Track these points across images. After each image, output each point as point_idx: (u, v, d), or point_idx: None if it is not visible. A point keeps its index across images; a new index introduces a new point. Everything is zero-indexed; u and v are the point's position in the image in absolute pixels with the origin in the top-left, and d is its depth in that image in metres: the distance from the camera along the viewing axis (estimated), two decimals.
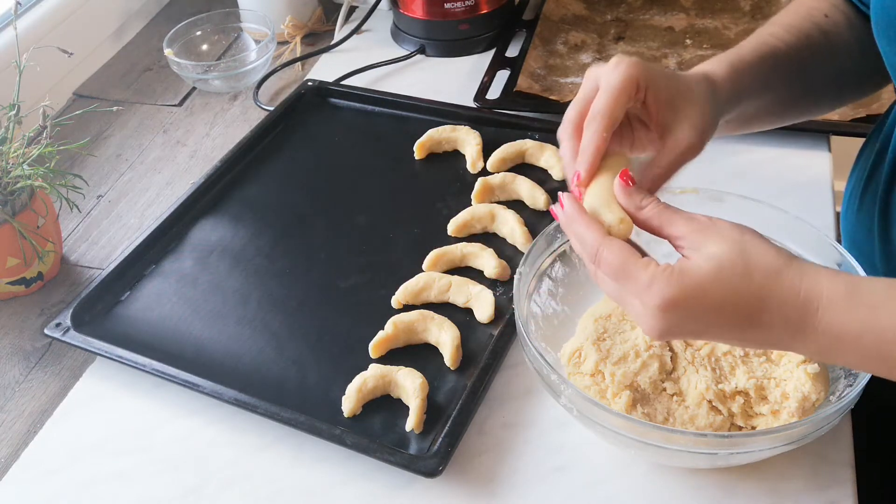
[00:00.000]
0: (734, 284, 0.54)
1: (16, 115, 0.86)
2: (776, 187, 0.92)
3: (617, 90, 0.62)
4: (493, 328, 0.80)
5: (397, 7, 1.21)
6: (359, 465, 0.71)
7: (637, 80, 0.62)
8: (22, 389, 0.82)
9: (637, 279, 0.55)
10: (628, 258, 0.56)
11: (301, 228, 0.93)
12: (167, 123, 1.14)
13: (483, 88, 1.08)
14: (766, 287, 0.54)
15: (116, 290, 0.87)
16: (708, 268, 0.54)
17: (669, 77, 0.65)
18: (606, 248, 0.56)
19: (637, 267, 0.55)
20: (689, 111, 0.64)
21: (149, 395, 0.78)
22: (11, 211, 0.85)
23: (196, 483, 0.72)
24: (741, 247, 0.55)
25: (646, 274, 0.55)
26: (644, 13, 1.21)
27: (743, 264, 0.54)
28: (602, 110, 0.62)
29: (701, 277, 0.54)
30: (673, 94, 0.64)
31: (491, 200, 0.92)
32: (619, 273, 0.56)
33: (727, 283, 0.54)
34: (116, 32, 1.30)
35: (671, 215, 0.58)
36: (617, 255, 0.56)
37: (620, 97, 0.62)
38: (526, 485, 0.69)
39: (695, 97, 0.65)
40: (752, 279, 0.54)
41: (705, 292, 0.54)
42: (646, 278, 0.54)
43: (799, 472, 0.68)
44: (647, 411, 0.68)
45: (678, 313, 0.54)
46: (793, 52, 0.74)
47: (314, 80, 1.12)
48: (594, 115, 0.62)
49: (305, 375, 0.77)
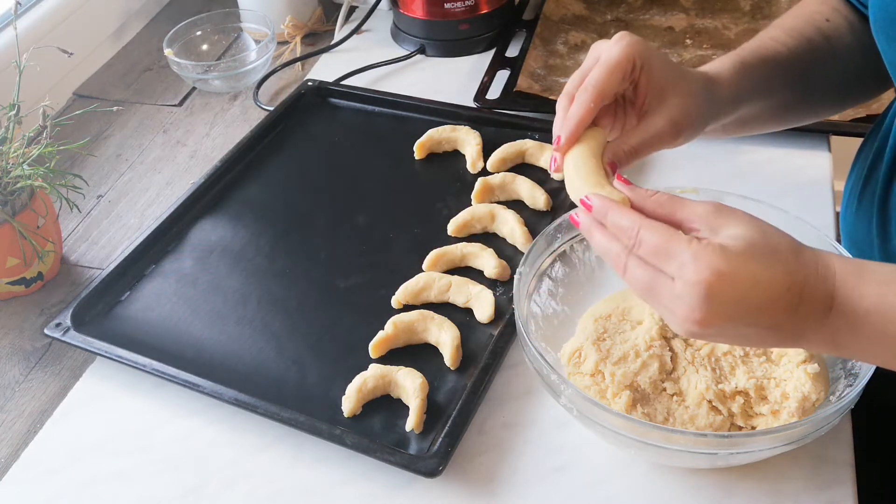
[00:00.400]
0: (767, 261, 0.52)
1: (16, 115, 0.86)
2: (776, 187, 0.92)
3: (612, 65, 0.62)
4: (493, 328, 0.80)
5: (397, 7, 1.21)
6: (359, 465, 0.71)
7: (634, 58, 0.63)
8: (22, 389, 0.82)
9: (680, 255, 0.52)
10: (672, 234, 0.53)
11: (301, 228, 0.93)
12: (167, 123, 1.14)
13: (483, 88, 1.08)
14: (792, 264, 0.53)
15: (116, 290, 0.87)
16: (741, 245, 0.52)
17: (667, 64, 0.65)
18: (647, 228, 0.54)
19: (680, 242, 0.53)
20: (674, 101, 0.65)
21: (149, 395, 0.78)
22: (11, 211, 0.85)
23: (196, 483, 0.72)
24: (760, 227, 0.54)
25: (690, 249, 0.52)
26: (644, 13, 1.21)
27: (766, 243, 0.53)
28: (594, 82, 0.62)
29: (738, 253, 0.52)
30: (664, 81, 0.64)
31: (491, 200, 0.92)
32: (660, 252, 0.53)
33: (761, 259, 0.52)
34: (116, 32, 1.30)
35: (682, 200, 0.57)
36: (660, 233, 0.54)
37: (615, 72, 0.62)
38: (526, 485, 0.69)
39: (684, 90, 0.65)
40: (778, 258, 0.53)
41: (747, 267, 0.52)
42: (690, 253, 0.52)
43: (799, 472, 0.68)
44: (647, 411, 0.68)
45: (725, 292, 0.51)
46: (794, 56, 0.74)
47: (314, 80, 1.12)
48: (586, 86, 0.63)
49: (305, 375, 0.77)
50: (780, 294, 0.52)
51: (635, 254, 0.55)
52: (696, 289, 0.52)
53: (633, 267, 0.55)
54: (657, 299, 0.54)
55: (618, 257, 0.56)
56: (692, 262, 0.52)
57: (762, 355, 0.69)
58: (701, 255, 0.52)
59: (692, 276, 0.52)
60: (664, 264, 0.53)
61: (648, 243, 0.54)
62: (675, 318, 0.54)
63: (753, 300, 0.52)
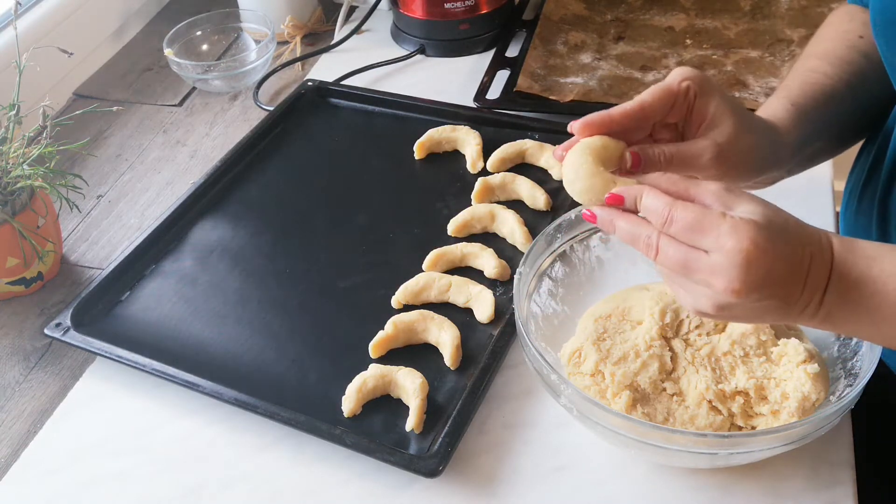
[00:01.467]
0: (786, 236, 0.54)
1: (16, 115, 0.86)
2: (776, 187, 0.91)
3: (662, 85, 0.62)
4: (493, 328, 0.80)
5: (397, 7, 1.21)
6: (359, 465, 0.71)
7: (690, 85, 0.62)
8: (22, 389, 0.82)
9: (717, 228, 0.53)
10: (705, 210, 0.55)
11: (301, 228, 0.93)
12: (167, 123, 1.14)
13: (483, 88, 1.08)
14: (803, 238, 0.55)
15: (116, 290, 0.87)
16: (763, 222, 0.54)
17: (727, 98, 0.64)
18: (680, 206, 0.55)
19: (715, 216, 0.54)
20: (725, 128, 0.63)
21: (149, 395, 0.78)
22: (11, 211, 0.85)
23: (196, 483, 0.72)
24: (769, 205, 0.56)
25: (727, 222, 0.53)
26: (644, 13, 1.21)
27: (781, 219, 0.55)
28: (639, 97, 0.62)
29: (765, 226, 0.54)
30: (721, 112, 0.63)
31: (491, 200, 0.92)
32: (694, 228, 0.54)
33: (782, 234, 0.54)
34: (116, 32, 1.30)
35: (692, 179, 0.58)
36: (693, 210, 0.55)
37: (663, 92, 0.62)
38: (526, 485, 0.69)
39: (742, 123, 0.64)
40: (792, 232, 0.55)
41: (775, 240, 0.54)
42: (728, 225, 0.53)
43: (799, 472, 0.68)
44: (647, 411, 0.68)
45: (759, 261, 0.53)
46: (840, 83, 0.73)
47: (314, 80, 1.12)
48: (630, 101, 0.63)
49: (305, 375, 0.77)
50: (797, 266, 0.55)
51: (666, 233, 0.56)
52: (738, 258, 0.53)
53: (665, 246, 0.56)
54: (692, 274, 0.55)
55: (648, 239, 0.57)
56: (731, 233, 0.53)
57: (762, 355, 0.69)
58: (739, 226, 0.53)
59: (734, 246, 0.53)
60: (699, 239, 0.54)
61: (682, 220, 0.55)
62: (712, 289, 0.55)
63: (778, 271, 0.54)
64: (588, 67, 1.11)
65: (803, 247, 0.55)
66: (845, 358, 0.69)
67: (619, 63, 1.11)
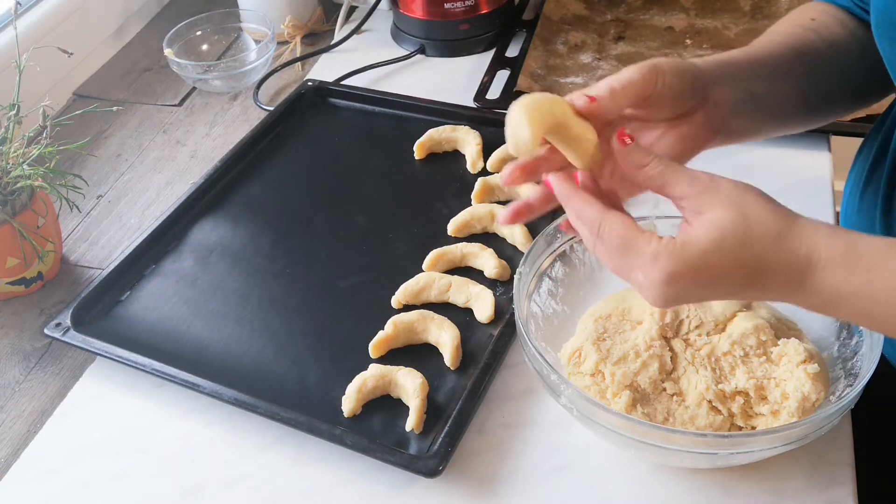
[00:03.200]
0: (736, 252, 0.54)
1: (16, 115, 0.86)
2: (776, 187, 0.91)
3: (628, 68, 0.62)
4: (493, 328, 0.80)
5: (397, 7, 1.21)
6: (359, 465, 0.71)
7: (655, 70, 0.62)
8: (22, 389, 0.82)
9: (640, 253, 0.55)
10: (631, 232, 0.56)
11: (301, 228, 0.93)
12: (167, 123, 1.14)
13: (483, 88, 1.08)
14: (767, 252, 0.55)
15: (116, 290, 0.87)
16: (709, 237, 0.54)
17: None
18: (608, 222, 0.56)
19: (640, 241, 0.55)
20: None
21: (149, 395, 0.78)
22: (11, 211, 0.85)
23: (196, 483, 0.72)
24: (742, 211, 0.55)
25: (649, 249, 0.55)
26: (644, 13, 1.21)
27: (744, 230, 0.54)
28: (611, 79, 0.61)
29: (702, 248, 0.54)
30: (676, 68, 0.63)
31: (491, 200, 0.92)
32: (621, 248, 0.56)
33: (729, 251, 0.54)
34: (116, 32, 1.30)
35: (673, 174, 0.57)
36: (619, 230, 0.56)
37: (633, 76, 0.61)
38: (526, 485, 0.69)
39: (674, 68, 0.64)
40: (752, 246, 0.54)
41: (707, 263, 0.54)
42: (649, 253, 0.55)
43: (799, 472, 0.68)
44: (647, 411, 0.68)
45: (682, 284, 0.55)
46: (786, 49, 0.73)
47: (314, 80, 1.12)
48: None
49: (305, 375, 0.77)
50: (744, 279, 0.55)
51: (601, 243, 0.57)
52: (655, 284, 0.55)
53: (601, 252, 0.58)
54: (627, 279, 0.58)
55: (587, 239, 0.58)
56: (650, 262, 0.55)
57: (762, 355, 0.69)
58: (658, 256, 0.55)
59: (651, 275, 0.55)
60: (627, 256, 0.56)
61: (611, 236, 0.56)
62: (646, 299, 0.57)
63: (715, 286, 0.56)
64: (588, 67, 1.11)
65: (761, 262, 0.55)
66: (845, 358, 0.69)
67: (619, 63, 1.11)
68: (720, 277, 0.55)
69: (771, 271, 0.55)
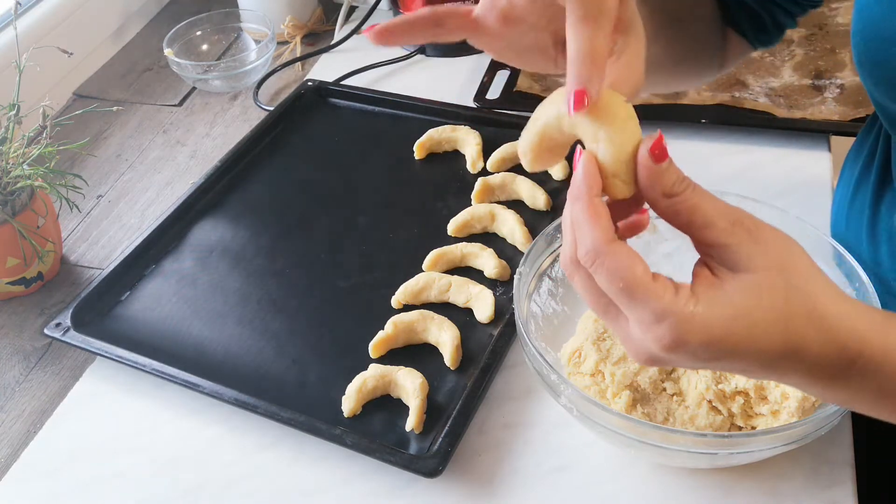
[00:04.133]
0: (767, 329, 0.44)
1: (16, 115, 0.86)
2: (776, 187, 0.92)
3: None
4: (493, 328, 0.80)
5: (397, 7, 1.21)
6: (359, 465, 0.71)
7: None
8: (22, 389, 0.82)
9: (645, 306, 0.44)
10: (639, 274, 0.44)
11: (301, 228, 0.93)
12: (167, 123, 1.14)
13: (483, 88, 1.08)
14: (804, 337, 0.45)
15: (116, 290, 0.87)
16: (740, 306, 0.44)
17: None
18: (611, 256, 0.44)
19: (648, 291, 0.43)
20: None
21: (149, 395, 0.78)
22: (11, 211, 0.85)
23: (196, 483, 0.72)
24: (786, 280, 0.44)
25: (659, 304, 0.43)
26: None
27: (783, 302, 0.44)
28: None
29: (727, 319, 0.43)
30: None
31: (491, 200, 0.92)
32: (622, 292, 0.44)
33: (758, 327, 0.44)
34: (116, 32, 1.30)
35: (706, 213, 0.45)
36: (625, 269, 0.44)
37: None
38: (526, 485, 0.69)
39: None
40: (788, 325, 0.44)
41: (729, 335, 0.44)
42: (658, 309, 0.43)
43: (799, 472, 0.68)
44: (647, 411, 0.68)
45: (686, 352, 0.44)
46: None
47: (314, 80, 1.12)
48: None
49: (305, 375, 0.77)
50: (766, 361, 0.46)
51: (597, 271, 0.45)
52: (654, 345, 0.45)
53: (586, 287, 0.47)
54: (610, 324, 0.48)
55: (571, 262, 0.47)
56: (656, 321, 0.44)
57: None
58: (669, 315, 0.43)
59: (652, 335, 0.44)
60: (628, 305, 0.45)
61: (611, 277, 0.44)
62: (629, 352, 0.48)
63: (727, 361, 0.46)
64: None
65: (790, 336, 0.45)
66: None
67: None
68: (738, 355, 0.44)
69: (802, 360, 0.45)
